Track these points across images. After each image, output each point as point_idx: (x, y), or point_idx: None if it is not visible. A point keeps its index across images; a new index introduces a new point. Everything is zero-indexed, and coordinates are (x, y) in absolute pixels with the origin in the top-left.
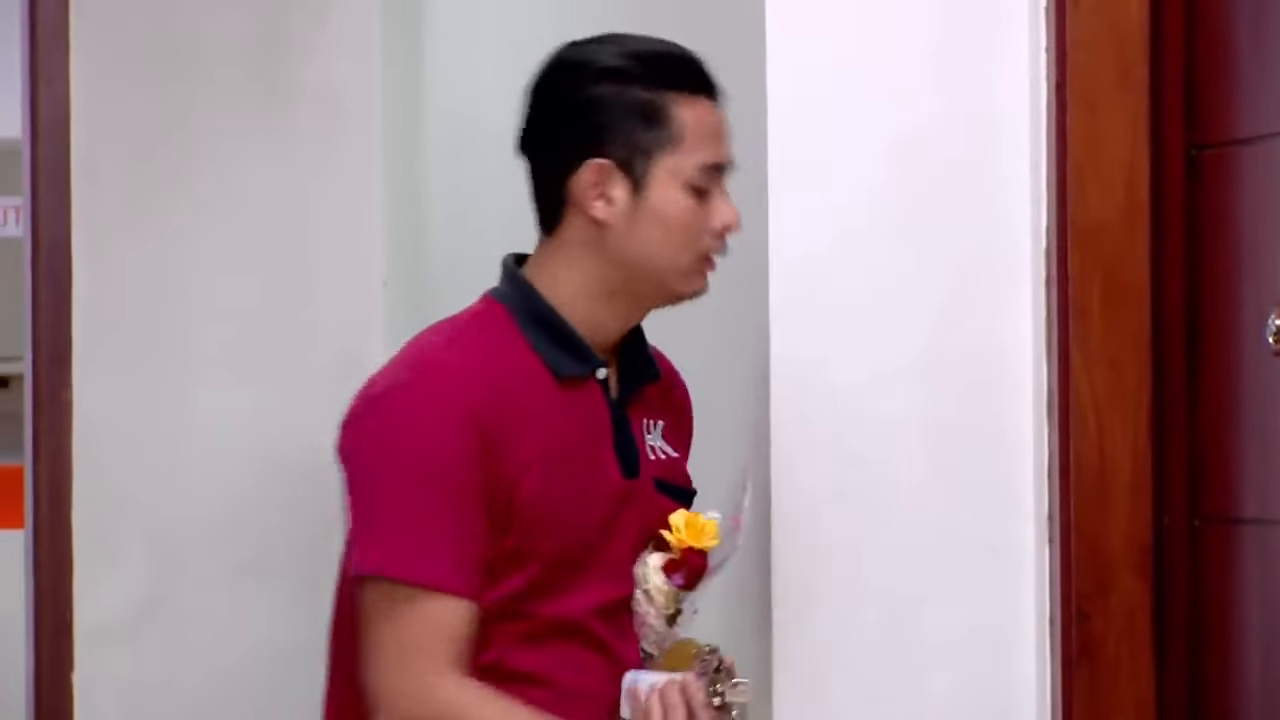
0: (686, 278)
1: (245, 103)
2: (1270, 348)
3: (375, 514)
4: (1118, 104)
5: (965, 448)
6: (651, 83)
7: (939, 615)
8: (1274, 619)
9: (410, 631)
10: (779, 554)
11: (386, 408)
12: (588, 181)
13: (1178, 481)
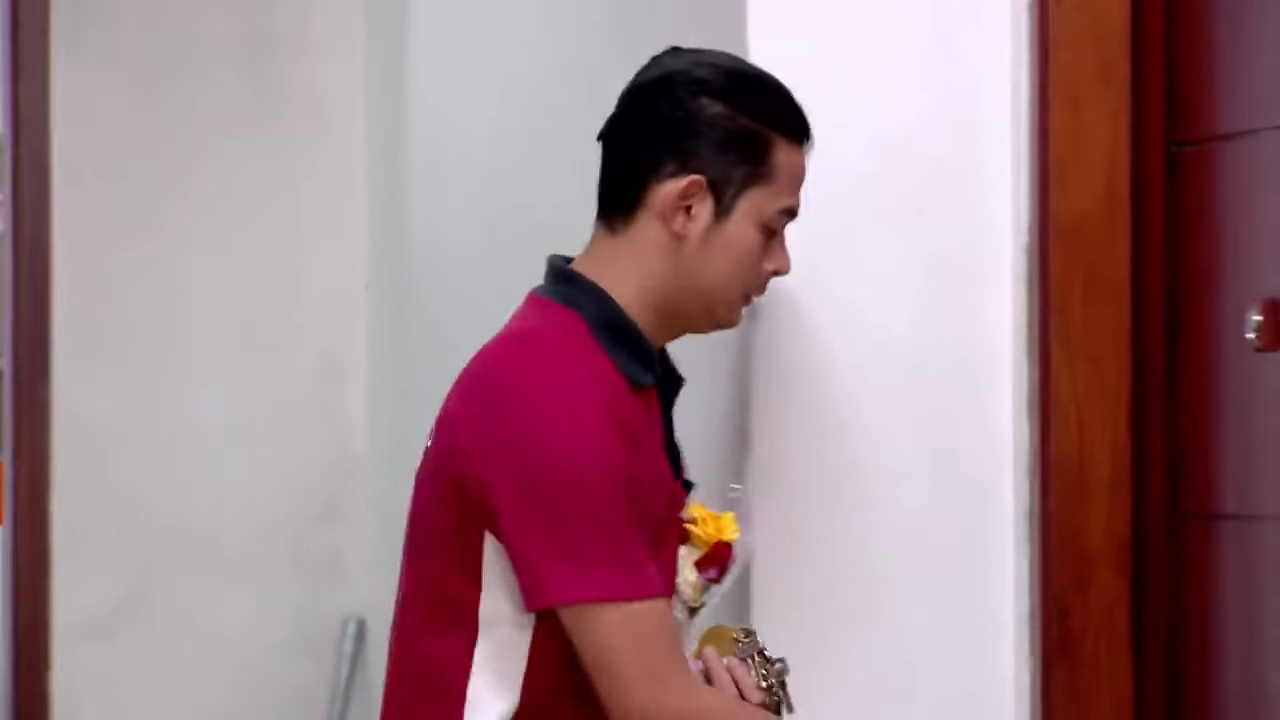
0: (731, 309)
1: (228, 102)
2: (1250, 344)
3: (575, 542)
4: (1099, 100)
5: (945, 444)
6: (760, 117)
7: (918, 612)
8: (1253, 615)
9: (655, 644)
10: (758, 550)
11: (549, 433)
12: (677, 193)
13: (1157, 477)
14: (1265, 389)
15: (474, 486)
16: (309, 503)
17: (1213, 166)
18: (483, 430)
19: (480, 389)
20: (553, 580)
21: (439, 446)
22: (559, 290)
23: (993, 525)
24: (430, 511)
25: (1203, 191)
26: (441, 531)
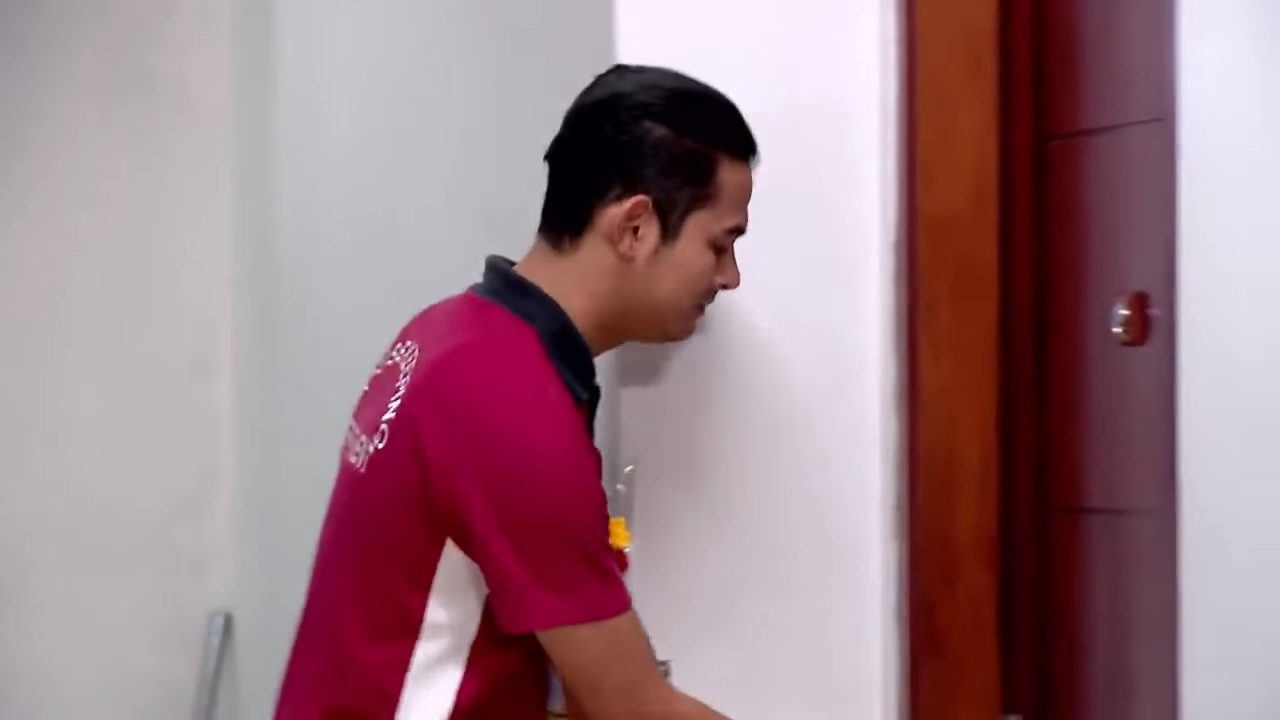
0: (683, 324)
1: (93, 94)
2: (1117, 338)
3: (557, 568)
4: (967, 96)
5: (814, 438)
6: (705, 138)
7: (786, 607)
8: (1121, 609)
9: (634, 658)
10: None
11: (531, 459)
12: (623, 215)
13: (1025, 472)
14: (1132, 384)
15: (446, 501)
16: (175, 498)
17: (1080, 161)
18: (458, 448)
19: (450, 401)
20: (536, 606)
21: (397, 450)
22: (509, 298)
23: (861, 520)
24: (382, 517)
25: (1070, 186)
26: (395, 538)
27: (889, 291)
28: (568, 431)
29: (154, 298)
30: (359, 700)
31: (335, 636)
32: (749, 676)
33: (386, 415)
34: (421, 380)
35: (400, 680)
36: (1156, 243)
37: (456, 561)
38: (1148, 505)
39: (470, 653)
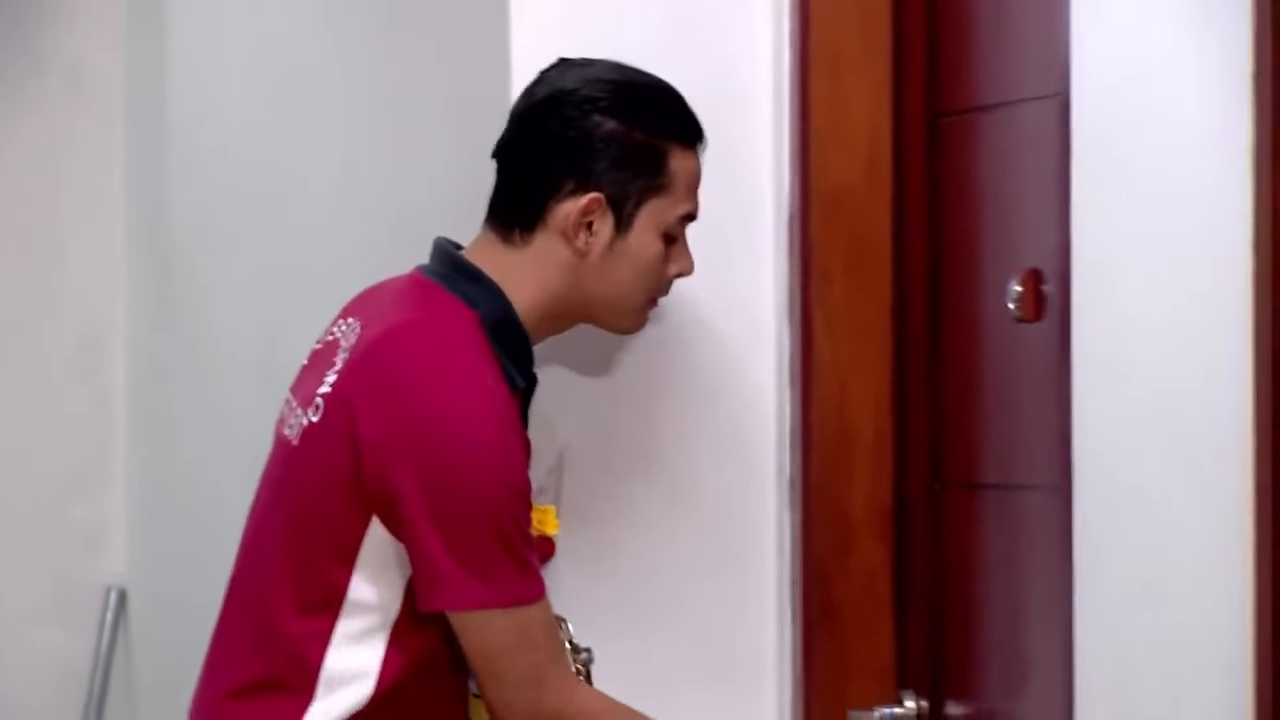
0: (636, 316)
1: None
2: (1011, 314)
3: (477, 552)
4: (861, 70)
5: (709, 411)
6: (653, 129)
7: (681, 578)
8: (1015, 584)
9: (541, 649)
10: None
11: (461, 441)
12: (578, 211)
13: (919, 446)
14: (1026, 360)
15: (376, 481)
16: (69, 475)
17: (974, 137)
18: (391, 428)
19: (388, 380)
20: (451, 586)
21: (330, 426)
22: (455, 282)
23: (756, 493)
24: (309, 490)
25: (964, 162)
26: (322, 512)
27: (783, 264)
28: (502, 419)
29: (46, 276)
30: (281, 672)
31: (262, 607)
32: (647, 650)
33: (322, 389)
34: (360, 357)
35: (321, 654)
36: (1050, 219)
37: (381, 539)
38: (1042, 480)
39: (392, 631)
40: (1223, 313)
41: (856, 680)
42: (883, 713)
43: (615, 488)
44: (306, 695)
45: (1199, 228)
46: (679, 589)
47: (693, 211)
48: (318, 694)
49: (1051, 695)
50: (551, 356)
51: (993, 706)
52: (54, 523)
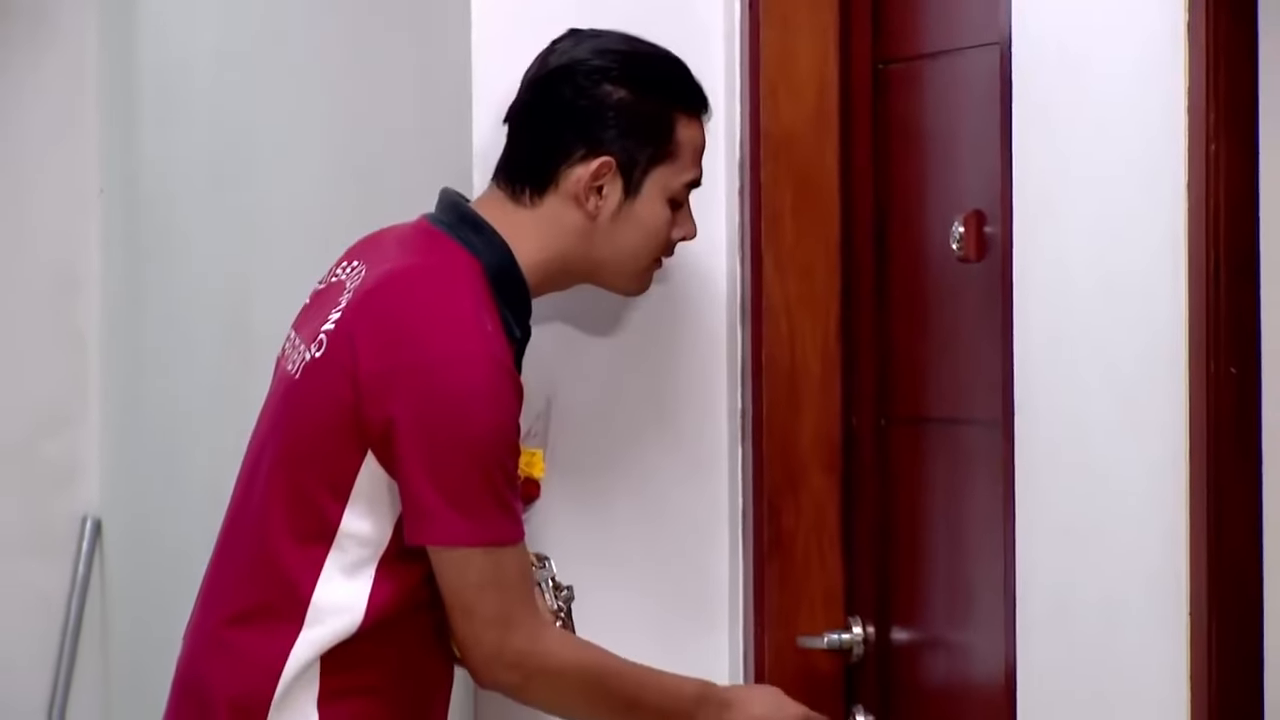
0: (640, 278)
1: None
2: (954, 254)
3: (461, 490)
4: (808, 20)
5: (664, 349)
6: (662, 97)
7: (638, 511)
8: (957, 512)
9: (513, 590)
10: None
11: (457, 383)
12: (589, 175)
13: (866, 382)
14: (969, 298)
15: (373, 416)
16: (45, 408)
17: (918, 84)
18: (391, 368)
19: (390, 321)
20: (436, 522)
21: (331, 361)
22: (461, 231)
23: (710, 427)
24: (308, 423)
25: (909, 108)
26: (319, 445)
27: (735, 207)
28: (498, 365)
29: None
30: (275, 599)
31: (259, 536)
32: (602, 574)
33: (326, 326)
34: (364, 296)
35: (313, 583)
36: (992, 163)
37: (375, 474)
38: (984, 415)
39: (379, 565)
40: (1158, 252)
41: (806, 607)
42: (831, 638)
43: (585, 425)
44: (296, 624)
45: (1135, 169)
46: (640, 522)
47: (698, 178)
48: (306, 622)
49: (993, 619)
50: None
51: (937, 631)
52: (30, 455)
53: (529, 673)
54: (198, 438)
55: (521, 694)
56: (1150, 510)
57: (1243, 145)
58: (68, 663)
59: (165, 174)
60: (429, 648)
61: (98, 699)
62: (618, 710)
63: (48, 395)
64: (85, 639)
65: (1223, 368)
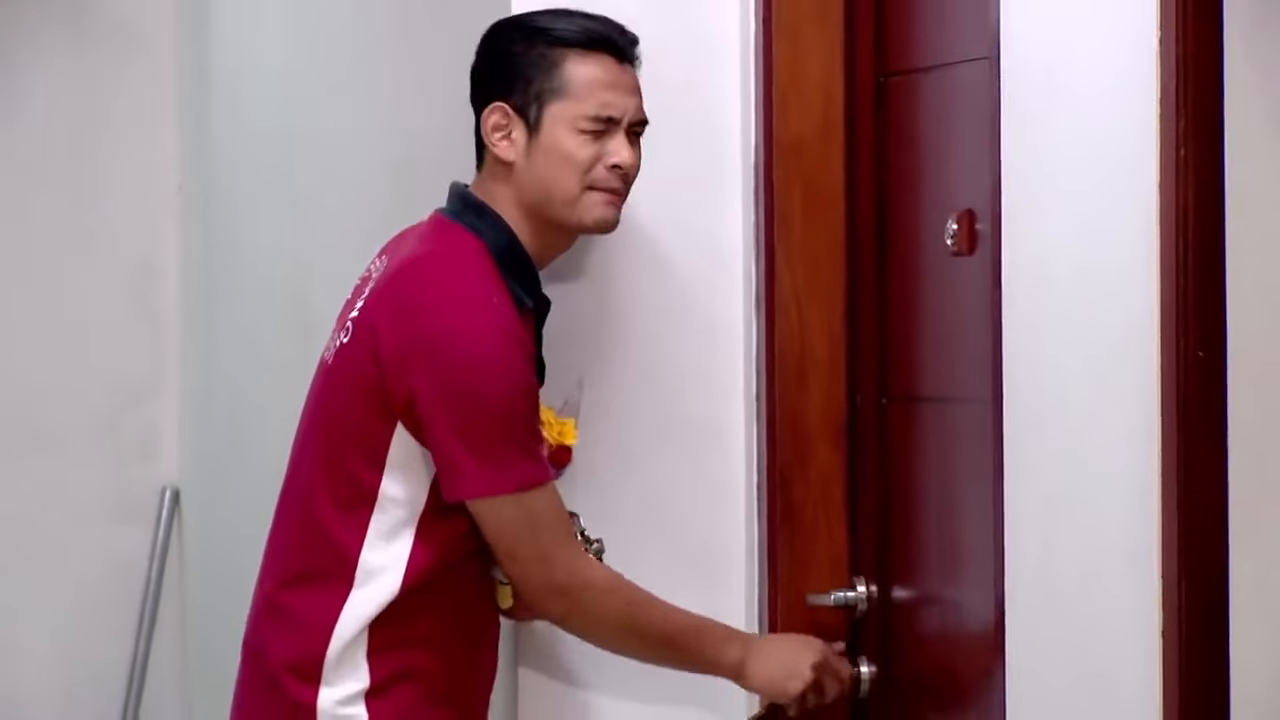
0: (579, 204)
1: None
2: (948, 249)
3: (485, 444)
4: (817, 36)
5: (685, 335)
6: (555, 41)
7: (664, 481)
8: (947, 483)
9: (547, 529)
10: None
11: (467, 349)
12: (491, 124)
13: (868, 365)
14: (959, 288)
15: (397, 389)
16: (127, 386)
17: (916, 95)
18: (407, 343)
19: (405, 304)
20: (467, 476)
21: (358, 345)
22: (466, 217)
23: (725, 406)
24: (342, 402)
25: (907, 116)
26: (353, 420)
27: (750, 206)
28: (504, 331)
29: (107, 211)
30: (325, 563)
31: (307, 505)
32: (637, 544)
33: (352, 314)
34: (383, 285)
35: (359, 547)
36: (982, 166)
37: (407, 442)
38: (974, 394)
39: (419, 523)
40: (1133, 245)
41: (814, 568)
42: (837, 596)
43: (614, 403)
44: (346, 584)
45: (1111, 171)
46: (662, 491)
47: (602, 112)
48: (356, 582)
49: (984, 579)
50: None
51: (933, 589)
52: (114, 430)
53: (574, 600)
54: (264, 413)
55: (569, 621)
56: (1125, 479)
57: (1209, 149)
58: (149, 621)
59: (235, 172)
60: (473, 600)
61: (176, 654)
62: (654, 634)
63: (130, 375)
64: (165, 599)
65: (1191, 351)
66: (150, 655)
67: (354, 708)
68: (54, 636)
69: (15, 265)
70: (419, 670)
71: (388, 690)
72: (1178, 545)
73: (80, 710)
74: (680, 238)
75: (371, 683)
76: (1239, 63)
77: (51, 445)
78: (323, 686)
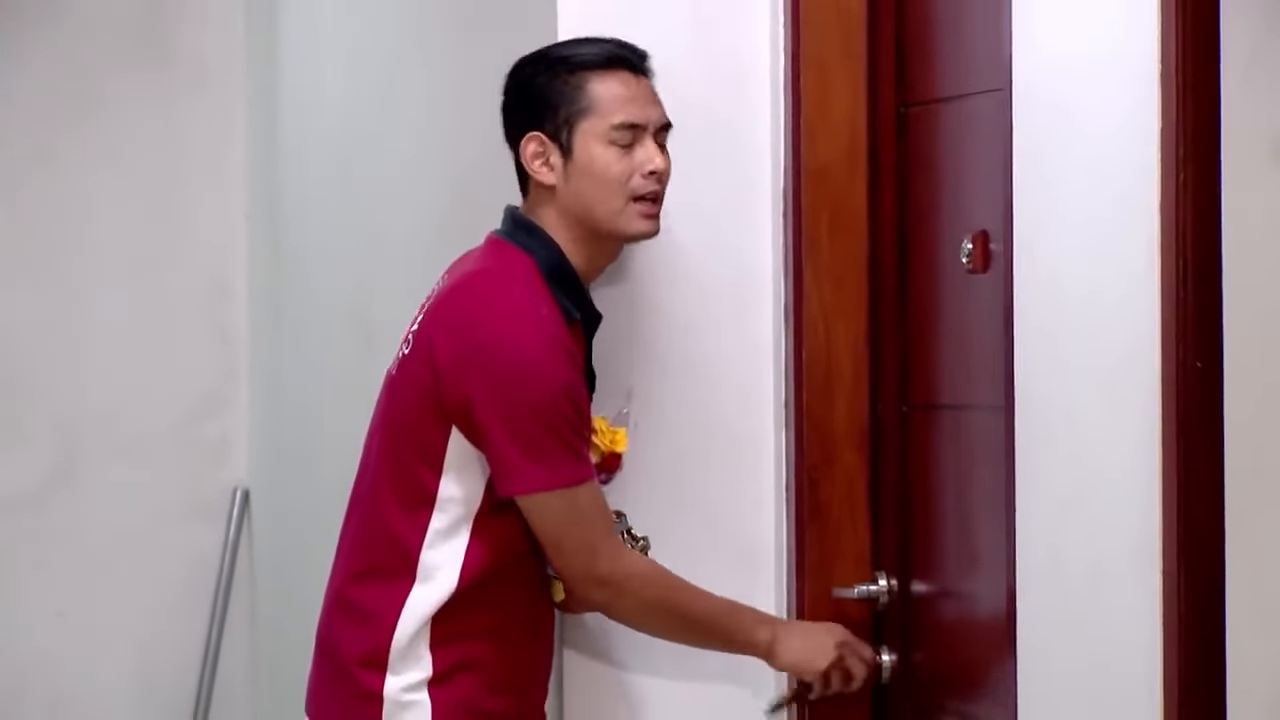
0: (622, 216)
1: (127, 64)
2: (964, 267)
3: (535, 444)
4: (842, 69)
5: (721, 350)
6: (575, 66)
7: (701, 484)
8: (964, 485)
9: (591, 523)
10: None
11: (516, 358)
12: (530, 152)
13: (890, 375)
14: (974, 304)
15: (452, 395)
16: (202, 395)
17: (935, 124)
18: (460, 352)
19: (460, 317)
20: (516, 474)
21: (416, 356)
22: (518, 236)
23: (757, 414)
24: (404, 409)
25: (926, 144)
26: (414, 426)
27: (779, 227)
28: (549, 338)
29: (182, 234)
30: (389, 560)
31: (374, 507)
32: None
33: (413, 328)
34: (439, 301)
35: (420, 544)
36: (996, 190)
37: (462, 446)
38: (989, 402)
39: (475, 522)
40: (1136, 263)
41: (840, 563)
42: (861, 589)
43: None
44: (409, 580)
45: (1116, 195)
46: (700, 492)
47: (628, 120)
48: (418, 578)
49: (997, 574)
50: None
51: (950, 584)
52: (190, 435)
53: (616, 589)
54: (327, 421)
55: (612, 608)
56: (1129, 483)
57: (1207, 173)
58: (220, 614)
59: (301, 198)
60: (530, 596)
61: (245, 643)
62: (690, 618)
63: (205, 384)
64: (236, 594)
65: (1190, 362)
66: (222, 643)
67: (418, 694)
68: (134, 626)
69: (101, 284)
70: (479, 661)
71: (450, 679)
72: (1178, 544)
73: (157, 695)
74: (716, 259)
75: (434, 672)
76: (1235, 93)
77: (134, 450)
78: (389, 675)
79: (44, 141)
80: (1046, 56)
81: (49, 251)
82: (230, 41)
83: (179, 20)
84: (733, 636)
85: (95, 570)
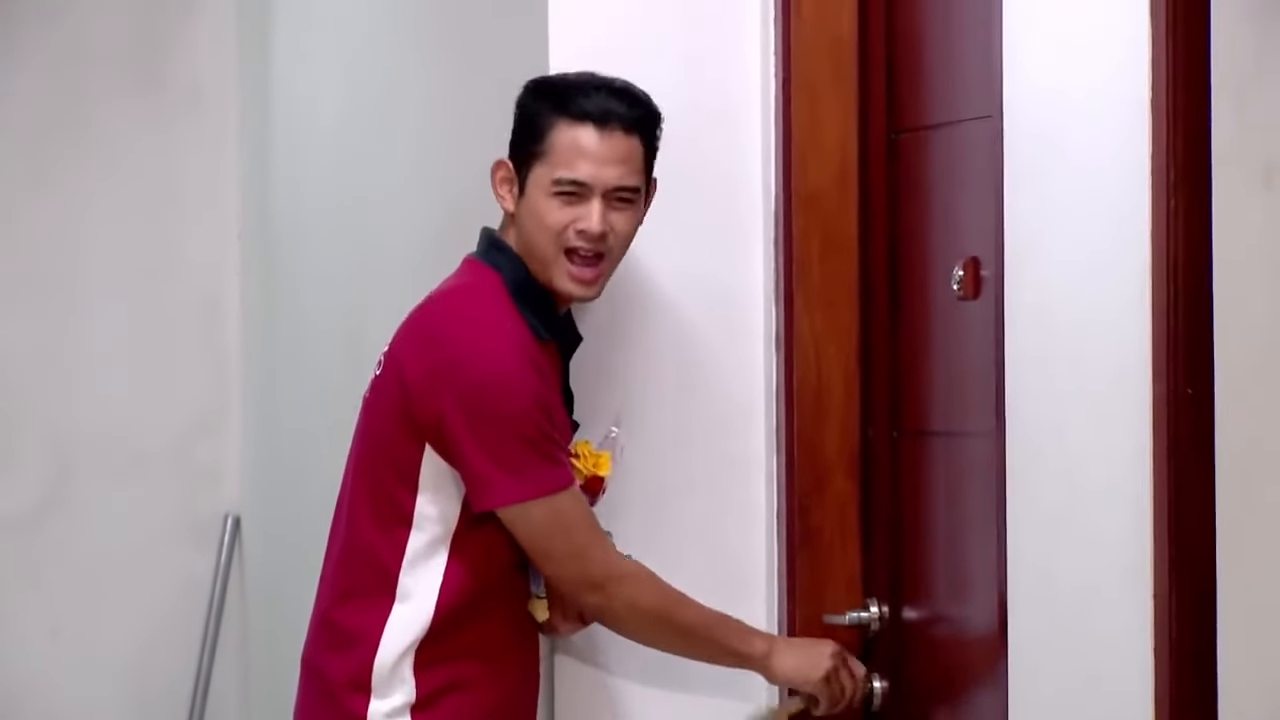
0: (554, 267)
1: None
2: (955, 294)
3: (507, 455)
4: (832, 96)
5: (712, 374)
6: (554, 106)
7: (692, 508)
8: (957, 509)
9: (576, 529)
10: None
11: (485, 371)
12: (499, 178)
13: (881, 401)
14: (965, 330)
15: (427, 415)
16: (193, 419)
17: (924, 150)
18: (429, 369)
19: (428, 334)
20: (492, 487)
21: (387, 375)
22: (490, 255)
23: (749, 439)
24: (378, 430)
25: (917, 171)
26: (388, 445)
27: (770, 253)
28: (516, 349)
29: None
30: (367, 580)
31: (353, 529)
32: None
33: (385, 349)
34: (409, 321)
35: (399, 563)
36: (986, 216)
37: (436, 463)
38: (979, 428)
39: (453, 540)
40: (1126, 289)
41: (831, 589)
42: (851, 615)
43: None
44: (389, 600)
45: (1107, 221)
46: (691, 517)
47: (569, 177)
48: (397, 598)
49: (988, 598)
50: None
51: (941, 609)
52: (181, 460)
53: (609, 593)
54: (320, 446)
55: (606, 613)
56: (1120, 507)
57: (1197, 200)
58: (212, 638)
59: (294, 219)
60: (512, 614)
61: (237, 667)
62: (685, 625)
63: (196, 407)
64: (227, 618)
65: (1181, 388)
66: (214, 667)
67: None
68: (127, 647)
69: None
70: (464, 683)
71: (434, 703)
72: (1169, 565)
73: (149, 716)
74: (707, 284)
75: (418, 696)
76: (1225, 120)
77: (127, 472)
78: (373, 698)
79: (38, 164)
80: (1037, 83)
81: (43, 273)
82: (223, 64)
83: (172, 43)
84: (726, 646)
85: (89, 591)
